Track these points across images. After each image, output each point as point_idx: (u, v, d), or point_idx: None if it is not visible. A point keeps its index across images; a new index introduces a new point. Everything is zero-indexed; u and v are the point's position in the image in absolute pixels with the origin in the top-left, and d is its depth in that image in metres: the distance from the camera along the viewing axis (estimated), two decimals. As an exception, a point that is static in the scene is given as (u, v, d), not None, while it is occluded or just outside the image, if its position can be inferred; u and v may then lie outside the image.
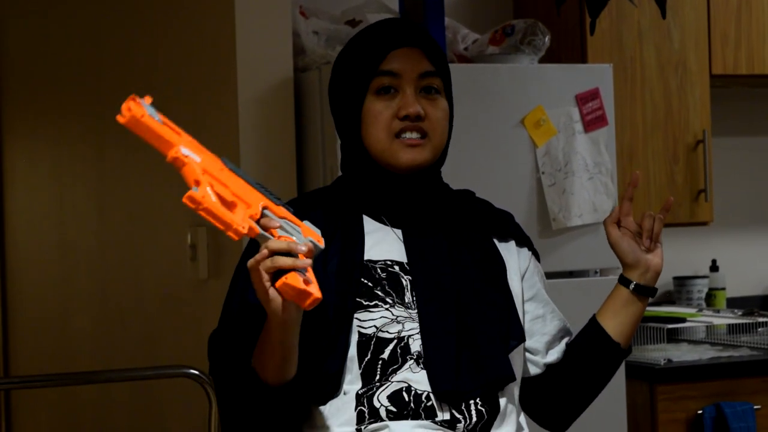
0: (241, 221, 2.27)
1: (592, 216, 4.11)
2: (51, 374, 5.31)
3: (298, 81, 3.96)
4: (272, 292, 2.27)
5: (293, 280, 2.24)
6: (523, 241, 2.78)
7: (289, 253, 2.26)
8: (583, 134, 4.12)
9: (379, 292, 2.56)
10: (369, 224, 2.64)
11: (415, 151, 2.60)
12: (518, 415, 2.65)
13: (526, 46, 4.24)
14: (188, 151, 2.32)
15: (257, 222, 2.30)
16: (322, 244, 2.36)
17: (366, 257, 2.58)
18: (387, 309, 2.55)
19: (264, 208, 2.33)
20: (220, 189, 2.29)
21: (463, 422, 2.52)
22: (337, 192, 2.64)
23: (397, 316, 2.55)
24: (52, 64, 5.37)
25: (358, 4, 4.35)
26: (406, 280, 2.58)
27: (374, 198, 2.65)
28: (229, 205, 2.28)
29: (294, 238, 2.31)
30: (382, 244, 2.61)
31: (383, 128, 2.60)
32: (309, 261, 2.28)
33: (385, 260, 2.59)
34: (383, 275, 2.57)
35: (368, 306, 2.54)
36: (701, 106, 4.76)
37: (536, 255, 2.81)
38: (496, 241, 2.72)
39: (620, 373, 4.11)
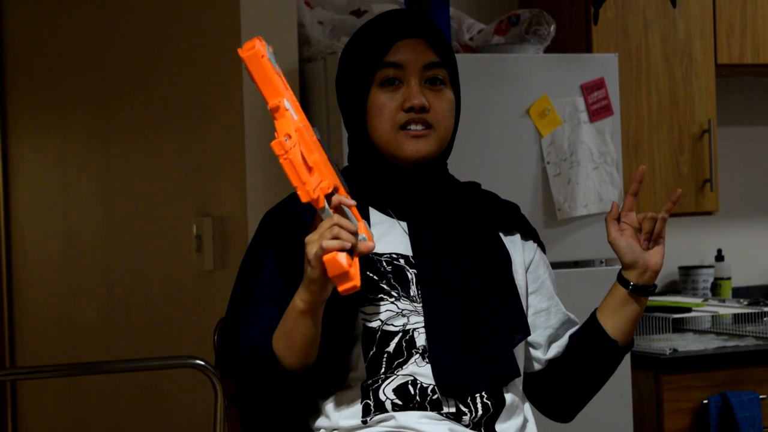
0: (313, 187, 2.30)
1: (598, 206, 4.11)
2: (57, 365, 5.32)
3: (303, 71, 3.96)
4: (320, 259, 2.28)
5: (341, 258, 2.27)
6: (529, 234, 2.78)
7: (351, 234, 2.30)
8: (588, 124, 4.13)
9: (385, 286, 2.56)
10: (375, 216, 2.64)
11: (420, 143, 2.60)
12: (524, 407, 2.66)
13: (531, 36, 4.24)
14: (290, 106, 2.34)
15: (327, 196, 2.32)
16: (373, 247, 2.38)
17: (374, 250, 2.56)
18: (392, 302, 2.55)
19: (335, 188, 2.35)
20: (306, 151, 2.31)
21: (468, 415, 2.53)
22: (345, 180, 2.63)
23: (402, 310, 2.55)
24: (58, 52, 5.38)
25: (363, -6, 4.36)
26: (411, 273, 2.58)
27: (380, 190, 2.66)
28: (309, 169, 2.30)
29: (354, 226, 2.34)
30: (388, 236, 2.62)
31: (388, 120, 2.61)
32: (364, 252, 2.33)
33: (390, 253, 2.60)
34: (388, 268, 2.58)
35: (373, 299, 2.55)
36: (707, 96, 4.76)
37: (542, 247, 2.81)
38: (501, 234, 2.73)
39: (626, 363, 4.13)
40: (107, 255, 4.92)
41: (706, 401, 4.35)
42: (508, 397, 2.58)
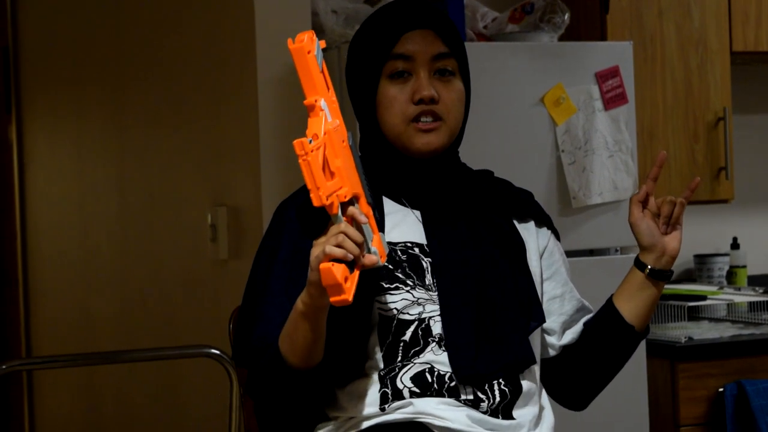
0: (327, 193, 2.28)
1: (613, 194, 4.12)
2: (73, 354, 5.34)
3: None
4: (319, 266, 2.27)
5: (337, 270, 2.24)
6: (543, 221, 2.78)
7: (356, 245, 2.29)
8: (603, 112, 4.13)
9: (400, 275, 2.57)
10: (389, 205, 2.65)
11: (430, 136, 2.60)
12: (540, 395, 2.67)
13: (545, 24, 4.24)
14: (326, 107, 2.34)
15: (342, 205, 2.32)
16: (383, 262, 2.39)
17: (388, 239, 2.57)
18: (408, 291, 2.56)
19: (355, 197, 2.35)
20: (330, 155, 2.30)
21: (486, 402, 2.54)
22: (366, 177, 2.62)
23: (418, 299, 2.56)
24: (73, 41, 5.39)
25: (377, -17, 4.36)
26: (426, 262, 2.59)
27: (393, 180, 2.66)
28: (329, 174, 2.30)
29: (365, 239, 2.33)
30: (402, 225, 2.62)
31: (398, 113, 2.61)
32: (367, 266, 2.33)
33: (405, 242, 2.60)
34: (403, 257, 2.58)
35: (389, 289, 2.55)
36: (722, 84, 4.75)
37: (556, 234, 2.81)
38: (515, 221, 2.73)
39: (641, 351, 4.13)
40: (122, 245, 4.93)
41: (721, 389, 4.36)
42: (525, 384, 2.59)
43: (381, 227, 2.55)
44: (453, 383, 2.53)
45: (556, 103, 4.08)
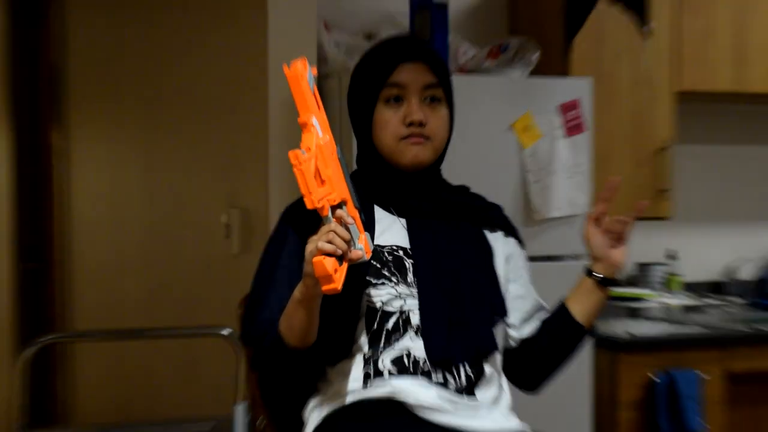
0: (319, 198, 2.29)
1: (569, 209, 4.13)
2: (105, 330, 5.34)
3: (320, 86, 3.96)
4: (312, 260, 2.28)
5: (327, 263, 2.25)
6: (510, 231, 2.80)
7: (344, 242, 2.29)
8: (564, 139, 4.14)
9: (386, 272, 2.58)
10: (379, 213, 2.66)
11: (418, 149, 2.62)
12: (500, 378, 2.68)
13: (517, 61, 4.26)
14: (317, 124, 2.35)
15: (332, 208, 2.33)
16: (368, 258, 2.40)
17: (375, 242, 2.60)
18: (392, 287, 2.57)
19: (343, 201, 2.36)
20: (321, 165, 2.32)
21: (454, 383, 2.55)
22: (354, 183, 2.61)
23: (400, 293, 2.57)
24: (112, 63, 5.38)
25: (374, 20, 4.36)
26: (408, 263, 2.60)
27: (383, 191, 2.68)
28: (319, 180, 2.31)
29: (351, 236, 2.34)
30: (389, 231, 2.64)
31: (391, 133, 2.63)
32: (354, 260, 2.33)
33: (391, 245, 2.62)
34: (389, 258, 2.60)
35: (376, 284, 2.57)
36: (666, 118, 4.77)
37: (521, 243, 2.83)
38: (486, 231, 2.75)
39: (588, 344, 4.15)
40: (150, 239, 4.93)
41: (655, 378, 4.37)
42: (487, 369, 2.61)
43: (369, 229, 2.58)
44: (426, 366, 2.54)
45: (525, 129, 4.09)
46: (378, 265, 2.59)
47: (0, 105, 6.94)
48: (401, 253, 2.62)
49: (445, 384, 2.54)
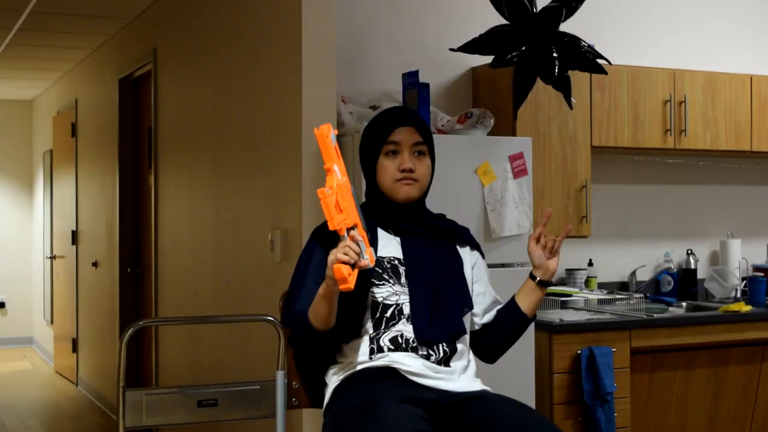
0: (338, 222, 2.34)
1: (517, 230, 4.10)
2: (184, 317, 5.33)
3: (339, 143, 3.96)
4: (332, 266, 2.31)
5: (344, 269, 2.28)
6: (475, 246, 2.79)
7: (355, 254, 2.32)
8: (513, 180, 4.12)
9: (385, 276, 2.58)
10: (381, 233, 2.65)
11: (409, 187, 2.63)
12: (468, 353, 2.67)
13: (479, 125, 4.24)
14: (337, 170, 2.38)
15: (347, 229, 2.35)
16: (372, 265, 2.40)
17: (379, 254, 2.59)
18: (390, 286, 2.57)
19: (355, 225, 2.37)
20: (340, 199, 2.35)
21: (434, 356, 2.54)
22: (363, 212, 2.59)
23: (396, 291, 2.57)
24: (190, 122, 5.40)
25: (377, 96, 4.37)
26: (402, 269, 2.59)
27: (384, 218, 2.66)
28: (339, 209, 2.34)
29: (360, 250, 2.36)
30: (388, 246, 2.63)
31: (389, 177, 2.63)
32: (362, 267, 2.34)
33: (389, 257, 2.61)
34: (388, 266, 2.59)
35: (379, 284, 2.56)
36: (585, 165, 4.74)
37: (482, 255, 2.82)
38: (457, 246, 2.74)
39: (531, 328, 4.12)
40: (217, 251, 4.93)
41: (579, 352, 4.35)
42: (459, 346, 2.60)
43: (373, 245, 2.57)
44: (414, 344, 2.53)
45: (484, 173, 4.07)
46: (380, 271, 2.58)
47: (111, 155, 6.96)
48: (397, 262, 2.61)
49: (428, 357, 2.53)
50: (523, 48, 3.70)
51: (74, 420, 6.99)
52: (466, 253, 2.74)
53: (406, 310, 2.55)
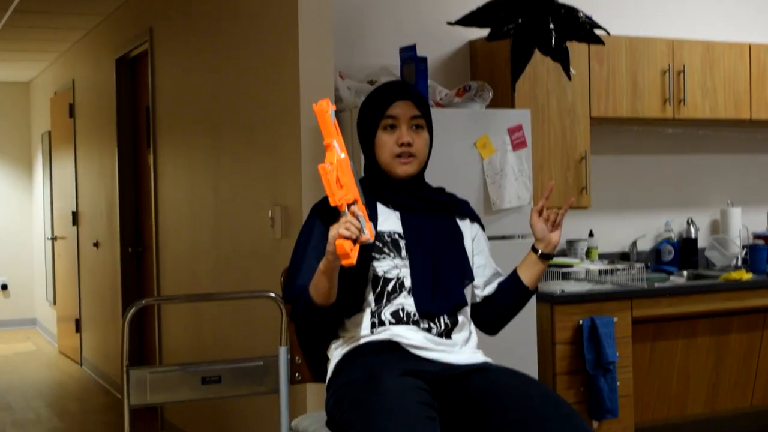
0: (339, 198, 2.35)
1: (517, 202, 4.11)
2: (185, 294, 5.35)
3: (337, 119, 3.95)
4: (334, 242, 2.32)
5: (345, 244, 2.30)
6: (475, 219, 2.79)
7: (356, 229, 2.32)
8: (512, 152, 4.12)
9: (386, 250, 2.58)
10: (381, 208, 2.65)
11: (407, 166, 2.63)
12: (470, 325, 2.67)
13: (478, 98, 4.24)
14: (337, 146, 2.37)
15: (348, 205, 2.35)
16: (372, 240, 2.39)
17: (379, 229, 2.59)
18: (391, 260, 2.57)
19: (355, 200, 2.37)
20: (340, 174, 2.35)
21: (436, 328, 2.54)
22: (362, 187, 2.59)
23: (397, 264, 2.57)
24: (187, 102, 5.39)
25: (375, 70, 4.35)
26: (402, 243, 2.59)
27: (384, 193, 2.66)
28: (339, 185, 2.35)
29: (361, 225, 2.36)
30: (388, 221, 2.63)
31: (388, 152, 2.63)
32: (363, 242, 2.35)
33: (389, 231, 2.61)
34: (389, 240, 2.59)
35: (379, 258, 2.57)
36: (584, 136, 4.75)
37: (483, 227, 2.82)
38: (457, 219, 2.74)
39: (533, 299, 4.12)
40: (217, 228, 4.93)
41: (581, 322, 4.36)
42: (460, 318, 2.60)
43: (373, 220, 2.58)
44: (416, 317, 2.53)
45: (484, 146, 4.07)
46: (380, 245, 2.58)
47: (109, 135, 6.95)
48: (397, 236, 2.61)
49: (429, 330, 2.54)
50: (520, 20, 3.69)
51: (79, 400, 7.02)
52: (465, 225, 2.74)
53: (407, 283, 2.55)
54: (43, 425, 6.21)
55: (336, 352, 2.59)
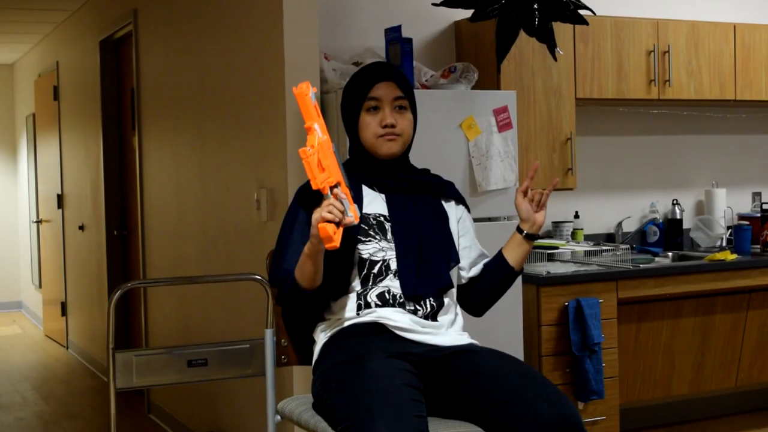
0: (321, 181, 2.34)
1: (502, 184, 4.11)
2: (171, 277, 5.33)
3: (321, 100, 3.95)
4: (317, 225, 2.32)
5: (329, 227, 2.29)
6: (460, 201, 2.79)
7: (340, 212, 2.32)
8: (497, 133, 4.12)
9: (371, 232, 2.57)
10: (366, 190, 2.64)
11: (391, 143, 2.62)
12: (456, 307, 2.68)
13: (463, 79, 4.23)
14: (318, 128, 2.37)
15: (330, 188, 2.34)
16: (356, 222, 2.39)
17: (364, 211, 2.59)
18: (376, 242, 2.57)
19: (338, 183, 2.36)
20: (322, 157, 2.34)
21: (421, 310, 2.55)
22: (346, 169, 2.59)
23: (382, 247, 2.56)
24: (172, 86, 5.36)
25: (360, 52, 4.34)
26: (387, 225, 2.59)
27: (368, 174, 2.65)
28: (321, 168, 2.34)
29: (345, 208, 2.36)
30: (374, 203, 2.63)
31: (371, 133, 2.62)
32: (347, 224, 2.35)
33: (375, 213, 2.60)
34: (374, 222, 2.59)
35: (365, 241, 2.56)
36: (569, 118, 4.75)
37: (468, 209, 2.82)
38: (442, 200, 2.73)
39: (518, 281, 4.14)
40: (202, 211, 4.92)
41: (567, 304, 4.37)
42: (446, 300, 2.60)
43: (358, 202, 2.58)
44: (401, 299, 2.53)
45: (469, 127, 4.07)
46: (366, 228, 2.58)
47: (94, 118, 6.92)
48: (382, 218, 2.61)
49: (415, 312, 2.54)
50: (503, 0, 3.68)
51: (65, 382, 7.01)
52: (451, 207, 2.74)
53: (393, 265, 2.55)
54: (30, 408, 6.20)
55: (322, 335, 2.59)
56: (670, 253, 5.23)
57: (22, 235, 10.70)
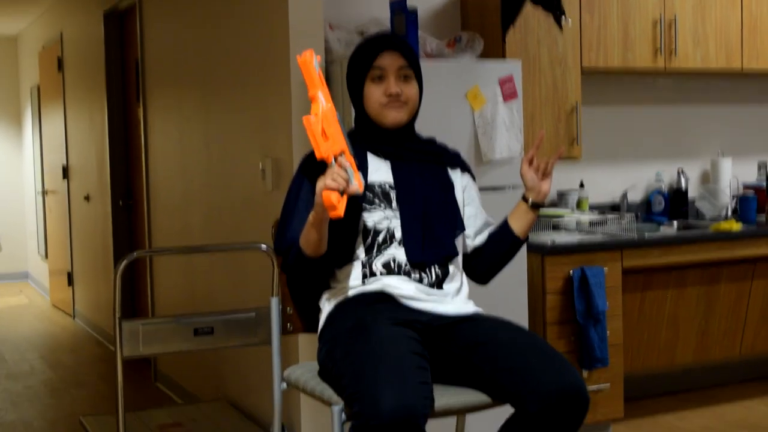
0: (325, 150, 2.32)
1: (508, 153, 4.10)
2: (177, 246, 5.35)
3: (326, 70, 3.94)
4: (321, 194, 2.32)
5: (333, 196, 2.28)
6: (466, 169, 2.79)
7: (344, 180, 2.32)
8: (503, 103, 4.11)
9: (376, 200, 2.57)
10: (371, 158, 2.64)
11: (396, 111, 2.61)
12: (461, 275, 2.68)
13: (468, 49, 4.22)
14: (322, 97, 2.36)
15: (335, 156, 2.34)
16: (360, 191, 2.38)
17: (369, 179, 2.59)
18: (381, 210, 2.57)
19: (342, 151, 2.35)
20: (326, 126, 2.33)
21: (427, 279, 2.55)
22: (352, 138, 2.60)
23: (387, 215, 2.57)
24: (177, 55, 5.35)
25: (365, 22, 4.32)
26: (392, 193, 2.59)
27: (374, 143, 2.65)
28: (325, 136, 2.33)
29: (349, 177, 2.35)
30: (379, 171, 2.63)
31: (376, 102, 2.61)
32: (351, 193, 2.34)
33: (380, 182, 2.60)
34: (379, 190, 2.59)
35: (370, 209, 2.56)
36: (575, 87, 4.73)
37: (473, 177, 2.82)
38: (448, 169, 2.73)
39: (523, 249, 4.14)
40: (208, 181, 4.92)
41: (571, 272, 4.37)
42: (451, 268, 2.60)
43: (362, 170, 2.58)
44: (407, 267, 2.54)
45: (474, 97, 4.06)
46: (371, 196, 2.58)
47: (99, 89, 6.91)
48: (387, 186, 2.61)
49: (420, 280, 2.54)
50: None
51: (72, 351, 7.05)
52: (456, 176, 2.74)
53: (398, 234, 2.55)
54: (37, 376, 6.24)
55: (327, 303, 2.60)
56: (675, 223, 5.22)
57: (28, 207, 10.72)
